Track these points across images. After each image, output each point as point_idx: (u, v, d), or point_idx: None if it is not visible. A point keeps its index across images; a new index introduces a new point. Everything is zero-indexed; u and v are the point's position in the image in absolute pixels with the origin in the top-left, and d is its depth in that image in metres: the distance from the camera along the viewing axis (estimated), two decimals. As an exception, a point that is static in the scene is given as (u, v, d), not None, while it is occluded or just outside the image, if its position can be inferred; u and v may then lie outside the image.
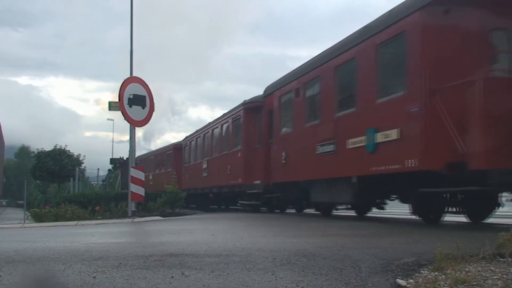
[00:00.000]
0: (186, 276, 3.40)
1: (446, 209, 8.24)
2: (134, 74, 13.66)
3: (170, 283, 3.19)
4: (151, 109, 13.09)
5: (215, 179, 17.97)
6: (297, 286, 3.07)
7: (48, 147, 34.64)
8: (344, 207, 11.72)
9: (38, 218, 13.25)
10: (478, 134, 6.55)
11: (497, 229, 6.79)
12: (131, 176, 12.63)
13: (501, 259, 3.68)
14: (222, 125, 17.54)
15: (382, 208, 10.65)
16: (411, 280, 3.19)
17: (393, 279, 3.22)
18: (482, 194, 7.02)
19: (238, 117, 15.67)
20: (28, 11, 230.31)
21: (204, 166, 19.15)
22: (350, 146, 9.16)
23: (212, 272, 3.51)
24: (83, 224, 10.56)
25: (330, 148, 9.90)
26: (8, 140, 65.82)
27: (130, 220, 11.70)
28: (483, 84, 6.62)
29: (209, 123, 19.84)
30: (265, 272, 3.46)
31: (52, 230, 8.89)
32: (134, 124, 12.99)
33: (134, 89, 12.78)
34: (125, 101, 12.50)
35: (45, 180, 36.12)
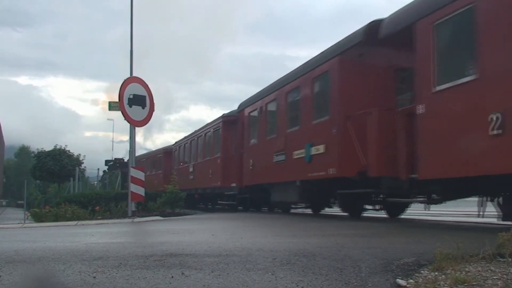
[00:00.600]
0: (186, 276, 3.40)
1: (365, 207, 10.63)
2: (134, 74, 13.67)
3: (170, 283, 3.19)
4: (151, 109, 13.08)
5: (199, 182, 19.81)
6: (297, 286, 3.07)
7: (48, 147, 34.66)
8: (303, 205, 13.69)
9: (38, 218, 13.24)
10: (373, 151, 8.84)
11: (409, 222, 9.22)
12: (131, 176, 12.64)
13: (501, 259, 3.68)
14: (205, 134, 19.57)
15: (331, 207, 12.66)
16: (411, 280, 3.19)
17: (393, 279, 3.22)
18: (396, 195, 8.71)
19: (218, 128, 17.68)
20: (27, 11, 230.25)
21: (191, 169, 21.13)
22: (295, 157, 11.40)
23: (212, 272, 3.51)
24: (83, 224, 10.56)
25: (282, 157, 12.19)
26: (8, 140, 65.82)
27: (130, 220, 11.70)
28: (378, 114, 8.83)
29: (195, 131, 21.70)
30: (265, 272, 3.46)
31: (52, 230, 8.89)
32: (134, 124, 12.99)
33: (134, 89, 12.77)
34: (125, 101, 12.50)
35: (45, 180, 36.11)
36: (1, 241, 6.49)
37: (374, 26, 8.80)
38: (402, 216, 10.81)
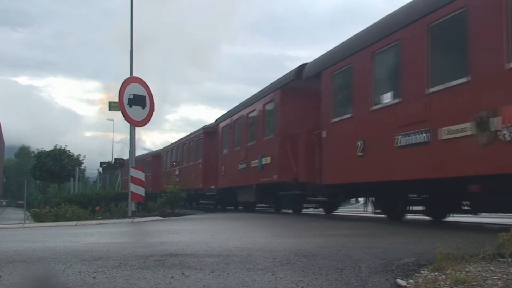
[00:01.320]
0: (186, 276, 3.40)
1: (306, 205, 13.54)
2: (133, 74, 13.66)
3: (170, 283, 3.19)
4: (151, 109, 13.07)
5: (184, 183, 21.86)
6: (297, 286, 3.07)
7: (48, 147, 34.66)
8: (266, 205, 16.78)
9: (38, 218, 13.24)
10: (301, 162, 11.55)
11: (344, 218, 11.46)
12: (131, 176, 12.63)
13: (501, 259, 3.68)
14: (189, 142, 22.57)
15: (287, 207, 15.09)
16: (411, 280, 3.19)
17: (393, 279, 3.22)
18: (329, 196, 10.89)
19: (200, 137, 20.53)
20: (27, 11, 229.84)
21: (177, 173, 23.74)
22: (252, 165, 14.28)
23: (212, 272, 3.52)
24: (83, 224, 10.56)
25: (244, 166, 15.01)
26: (8, 140, 65.81)
27: (130, 220, 11.71)
28: (305, 135, 11.47)
29: (181, 139, 24.83)
30: (265, 272, 3.46)
31: (52, 230, 8.89)
32: (134, 124, 12.99)
33: (134, 89, 12.76)
34: (125, 101, 12.49)
35: (45, 180, 36.11)
36: (1, 241, 6.49)
37: (301, 70, 11.65)
38: (335, 213, 13.46)
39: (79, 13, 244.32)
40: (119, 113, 12.82)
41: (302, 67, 11.62)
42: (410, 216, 9.74)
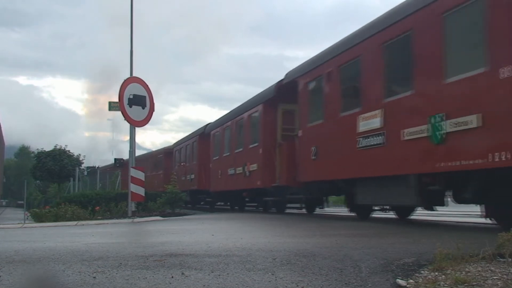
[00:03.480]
0: (186, 276, 3.40)
1: (217, 203, 21.80)
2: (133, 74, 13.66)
3: (170, 283, 3.20)
4: (151, 109, 13.08)
5: (149, 186, 29.05)
6: (297, 286, 3.07)
7: (48, 147, 34.55)
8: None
9: (38, 218, 13.24)
10: (207, 178, 20.11)
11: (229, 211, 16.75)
12: (131, 176, 12.63)
13: (501, 259, 3.67)
14: (157, 155, 31.64)
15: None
16: (411, 280, 3.19)
17: (393, 279, 3.22)
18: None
19: (161, 155, 29.92)
20: (24, 11, 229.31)
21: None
22: (187, 178, 22.36)
23: (212, 272, 3.52)
24: (83, 224, 10.56)
25: (184, 178, 22.97)
26: (8, 140, 65.61)
27: (130, 220, 11.70)
28: (208, 164, 19.78)
29: (152, 151, 34.79)
30: (265, 272, 3.46)
31: (52, 230, 8.89)
32: (134, 124, 12.99)
33: (134, 89, 12.77)
34: (125, 101, 12.49)
35: (45, 180, 36.01)
36: (1, 241, 6.49)
37: (205, 127, 20.50)
38: (216, 207, 21.13)
39: (77, 13, 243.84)
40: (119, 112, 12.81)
41: (206, 125, 20.39)
42: (248, 208, 17.45)
